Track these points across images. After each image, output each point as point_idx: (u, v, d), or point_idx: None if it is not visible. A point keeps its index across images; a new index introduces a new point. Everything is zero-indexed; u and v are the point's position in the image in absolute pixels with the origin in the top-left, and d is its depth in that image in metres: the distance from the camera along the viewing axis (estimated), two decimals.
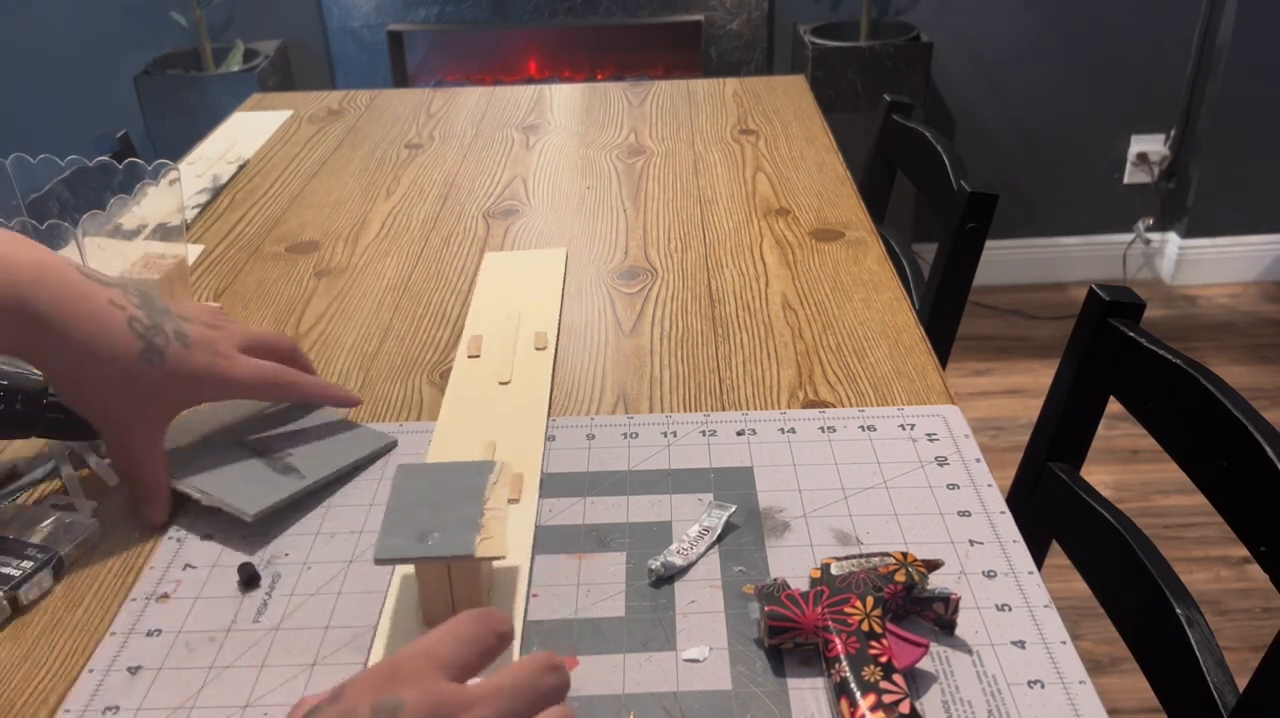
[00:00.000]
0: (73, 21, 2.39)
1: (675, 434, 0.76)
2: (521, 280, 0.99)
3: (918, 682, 0.55)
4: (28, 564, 0.62)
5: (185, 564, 0.65)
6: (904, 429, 0.75)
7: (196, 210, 1.18)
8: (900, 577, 0.58)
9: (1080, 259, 2.70)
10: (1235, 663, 0.69)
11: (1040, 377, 2.28)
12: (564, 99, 1.53)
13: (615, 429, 0.77)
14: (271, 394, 0.73)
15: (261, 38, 2.43)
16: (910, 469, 0.71)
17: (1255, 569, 1.75)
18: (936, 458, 0.72)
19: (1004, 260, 2.65)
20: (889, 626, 0.56)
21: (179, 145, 1.43)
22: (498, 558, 0.56)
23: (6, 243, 0.60)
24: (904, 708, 0.51)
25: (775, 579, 0.59)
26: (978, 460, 0.72)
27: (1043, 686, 0.54)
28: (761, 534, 0.66)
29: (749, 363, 0.85)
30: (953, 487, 0.69)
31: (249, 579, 0.63)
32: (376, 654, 0.58)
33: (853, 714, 0.51)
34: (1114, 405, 0.84)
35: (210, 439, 0.73)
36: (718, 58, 2.45)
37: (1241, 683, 0.66)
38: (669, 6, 2.40)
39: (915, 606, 0.58)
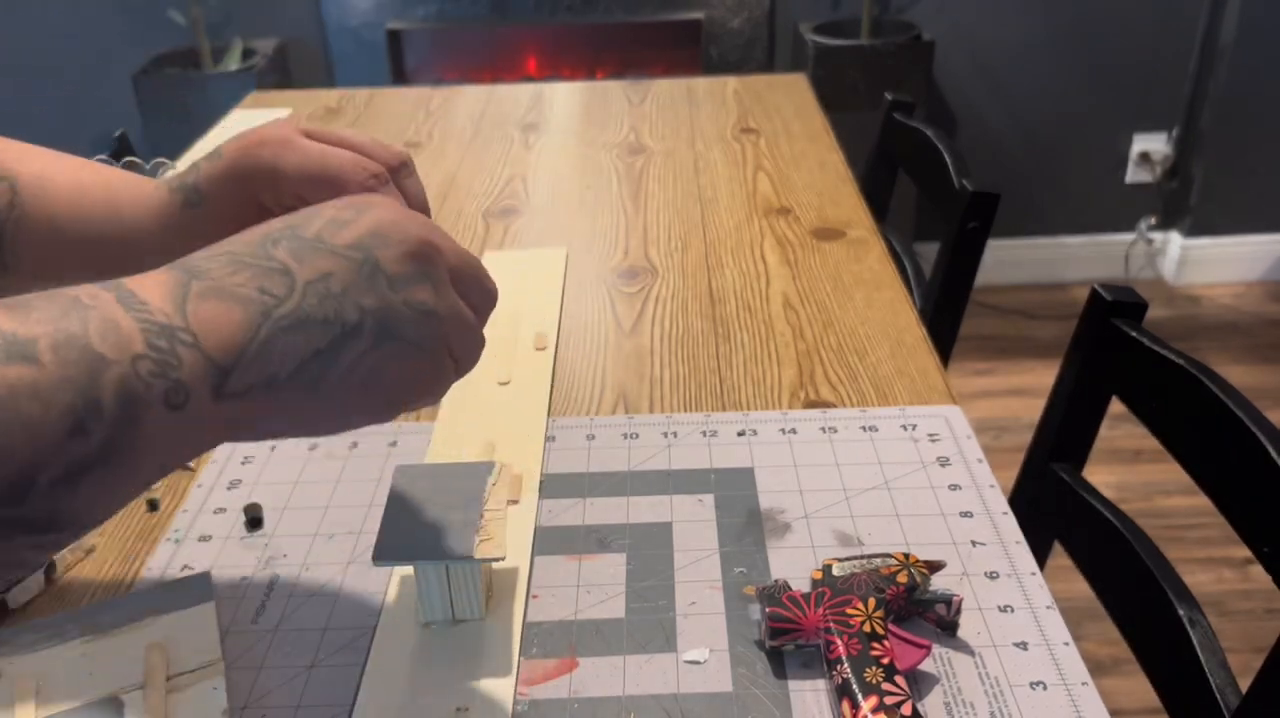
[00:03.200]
0: (70, 20, 2.39)
1: (675, 435, 0.75)
2: (521, 280, 0.99)
3: (920, 683, 0.55)
4: None
5: (183, 566, 0.64)
6: (906, 430, 0.75)
7: None
8: (902, 578, 0.58)
9: (1082, 259, 2.69)
10: (1238, 664, 0.68)
11: (1042, 377, 2.28)
12: (564, 98, 1.53)
13: (615, 430, 0.76)
14: (332, 192, 0.51)
15: (259, 36, 2.43)
16: (912, 470, 0.71)
17: (1258, 570, 1.74)
18: (938, 458, 0.72)
19: (1006, 260, 2.64)
20: (891, 627, 0.55)
21: (177, 144, 1.43)
22: (497, 560, 0.55)
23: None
24: (906, 710, 0.51)
25: (776, 581, 0.59)
26: (980, 461, 0.72)
27: (1045, 687, 0.54)
28: (762, 535, 0.65)
29: (750, 363, 0.85)
30: (955, 487, 0.69)
31: (253, 521, 0.67)
32: (376, 655, 0.57)
33: (855, 716, 0.51)
34: (1116, 406, 0.83)
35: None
36: (718, 56, 2.44)
37: (1244, 684, 0.65)
38: (669, 5, 2.40)
39: (917, 607, 0.58)
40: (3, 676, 0.56)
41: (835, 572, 0.59)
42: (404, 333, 0.42)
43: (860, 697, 0.52)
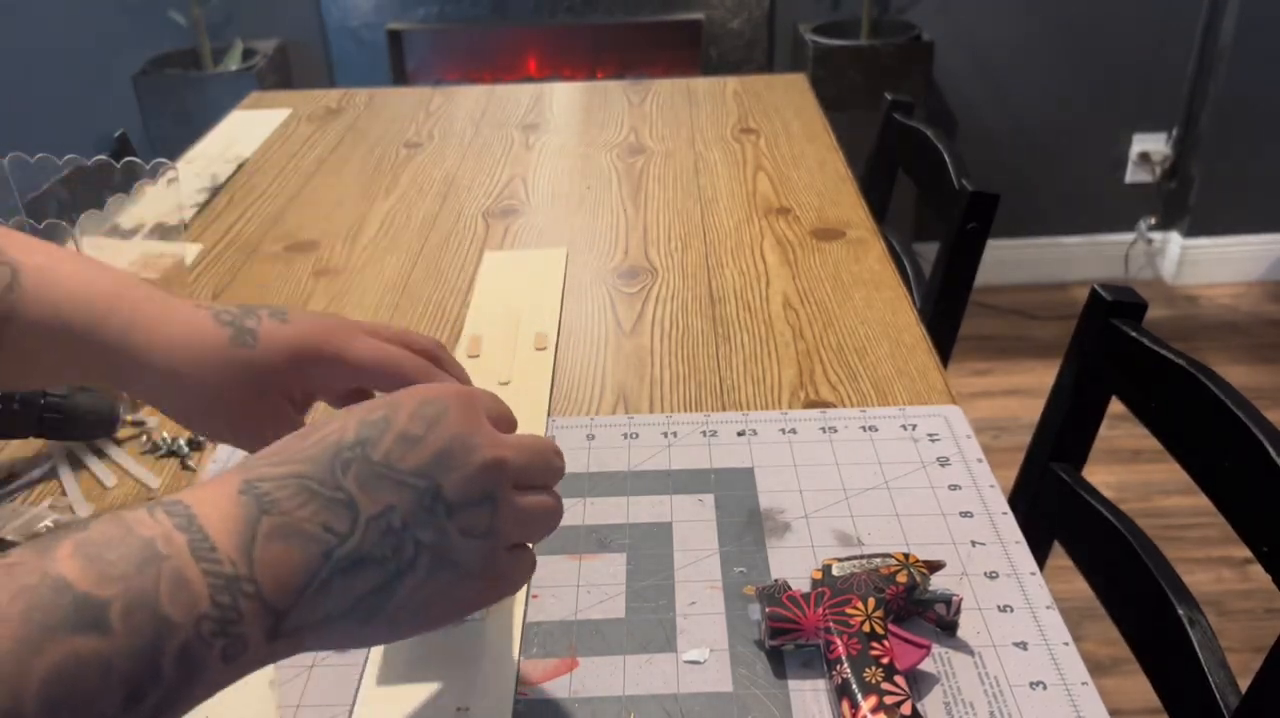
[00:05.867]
0: (70, 20, 2.39)
1: (675, 435, 0.75)
2: (521, 280, 0.99)
3: (919, 683, 0.55)
4: None
5: None
6: (905, 429, 0.75)
7: (195, 210, 1.18)
8: (902, 578, 0.58)
9: (1082, 259, 2.69)
10: (1237, 664, 0.68)
11: (1042, 377, 2.28)
12: (564, 98, 1.53)
13: (615, 429, 0.76)
14: (394, 384, 0.56)
15: (260, 37, 2.43)
16: (912, 470, 0.71)
17: (1257, 570, 1.74)
18: (938, 458, 0.72)
19: (1005, 260, 2.64)
20: (890, 627, 0.56)
21: (177, 144, 1.43)
22: None
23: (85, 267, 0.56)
24: (905, 709, 0.51)
25: (776, 580, 0.59)
26: (979, 461, 0.72)
27: (1045, 687, 0.54)
28: (762, 535, 0.65)
29: (749, 363, 0.85)
30: (954, 487, 0.69)
31: None
32: (376, 656, 0.57)
33: (854, 716, 0.51)
34: (1115, 406, 0.83)
35: None
36: (718, 57, 2.44)
37: (1243, 684, 0.65)
38: (669, 5, 2.40)
39: (917, 607, 0.58)
40: None
41: (835, 572, 0.59)
42: (456, 561, 0.43)
43: (860, 697, 0.52)
